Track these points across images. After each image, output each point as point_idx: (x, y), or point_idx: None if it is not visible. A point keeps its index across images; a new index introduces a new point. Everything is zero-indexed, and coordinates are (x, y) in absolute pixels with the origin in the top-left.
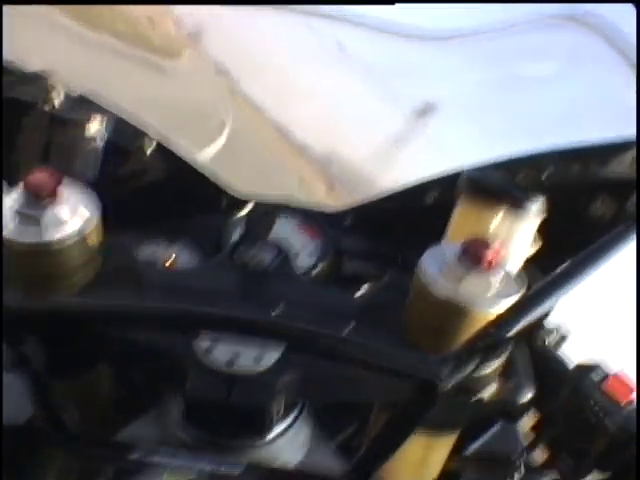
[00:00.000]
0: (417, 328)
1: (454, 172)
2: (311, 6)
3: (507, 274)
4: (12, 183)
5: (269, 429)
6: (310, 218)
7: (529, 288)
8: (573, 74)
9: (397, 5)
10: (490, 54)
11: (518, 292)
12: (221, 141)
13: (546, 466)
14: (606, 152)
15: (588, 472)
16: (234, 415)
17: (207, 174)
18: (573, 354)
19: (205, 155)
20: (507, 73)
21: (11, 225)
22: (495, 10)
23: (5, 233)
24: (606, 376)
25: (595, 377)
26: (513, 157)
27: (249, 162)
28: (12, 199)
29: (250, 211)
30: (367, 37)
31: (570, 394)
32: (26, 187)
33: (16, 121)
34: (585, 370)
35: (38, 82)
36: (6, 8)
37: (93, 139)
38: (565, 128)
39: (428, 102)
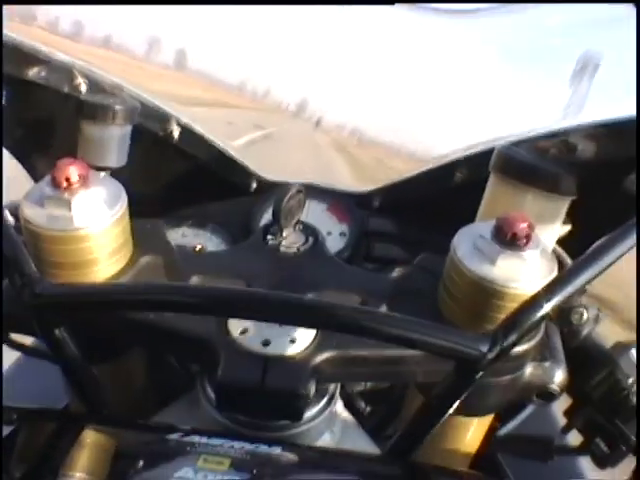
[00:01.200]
0: (452, 308)
1: (483, 150)
2: None
3: (541, 252)
4: (39, 172)
5: (304, 411)
6: (339, 200)
7: (561, 268)
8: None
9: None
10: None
11: (553, 271)
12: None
13: (580, 450)
14: (636, 127)
15: (623, 456)
16: (269, 398)
17: (236, 158)
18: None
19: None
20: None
21: (41, 213)
22: None
23: (35, 222)
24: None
25: (633, 356)
26: (544, 133)
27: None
28: (40, 188)
29: (279, 194)
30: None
31: (608, 374)
32: (55, 175)
33: (43, 108)
34: (623, 349)
35: (63, 69)
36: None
37: (121, 125)
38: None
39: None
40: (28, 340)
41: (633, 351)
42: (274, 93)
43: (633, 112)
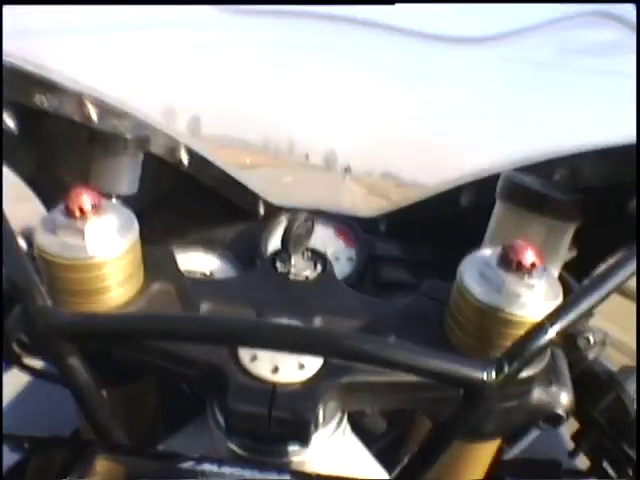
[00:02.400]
0: (458, 335)
1: (489, 175)
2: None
3: (547, 279)
4: (51, 200)
5: (311, 437)
6: (346, 225)
7: (566, 294)
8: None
9: (418, 9)
10: (517, 54)
11: (558, 297)
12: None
13: (588, 473)
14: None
15: (632, 479)
16: (277, 424)
17: (244, 184)
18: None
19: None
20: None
21: (54, 242)
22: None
23: (49, 250)
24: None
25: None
26: (548, 158)
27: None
28: (53, 216)
29: (288, 219)
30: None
31: (615, 398)
32: (67, 204)
33: (54, 136)
34: (628, 373)
35: (73, 98)
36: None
37: (132, 153)
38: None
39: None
40: (40, 363)
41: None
42: (298, 147)
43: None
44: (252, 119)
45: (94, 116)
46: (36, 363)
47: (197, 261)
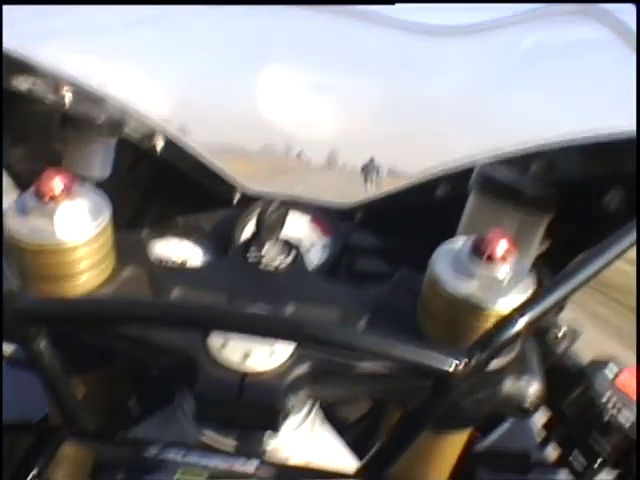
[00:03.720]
0: (430, 325)
1: (465, 167)
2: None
3: (519, 270)
4: (23, 182)
5: (281, 424)
6: (321, 214)
7: (539, 286)
8: (585, 66)
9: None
10: (498, 49)
11: (530, 289)
12: None
13: (558, 464)
14: (617, 145)
15: (600, 470)
16: (246, 411)
17: (219, 171)
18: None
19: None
20: (516, 67)
21: (24, 225)
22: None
23: (18, 234)
24: (620, 372)
25: (609, 373)
26: (524, 151)
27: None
28: (24, 199)
29: (262, 207)
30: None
31: (583, 391)
32: (38, 187)
33: (28, 118)
34: (598, 366)
35: (49, 80)
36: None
37: (106, 137)
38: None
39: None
40: (9, 349)
41: (608, 369)
42: (295, 149)
43: (613, 130)
44: (242, 122)
45: (68, 99)
46: (5, 348)
47: (171, 247)
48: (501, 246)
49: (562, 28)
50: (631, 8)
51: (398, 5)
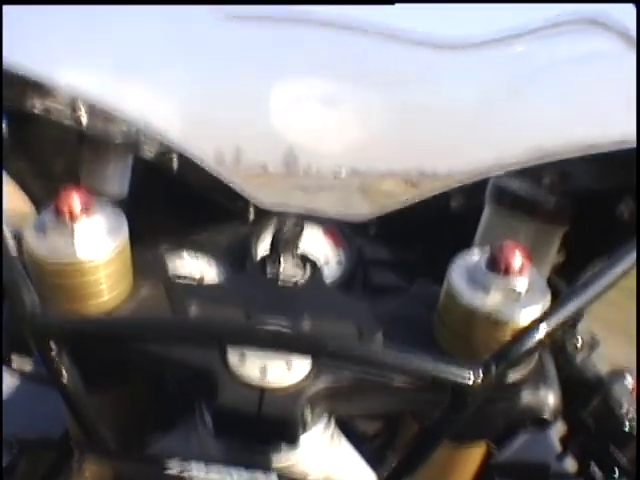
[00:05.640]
0: (447, 337)
1: (479, 179)
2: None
3: (535, 282)
4: (41, 202)
5: (299, 438)
6: (336, 228)
7: (553, 298)
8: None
9: (406, 11)
10: (509, 61)
11: (546, 300)
12: None
13: (577, 475)
14: (628, 154)
15: None
16: (265, 426)
17: (234, 187)
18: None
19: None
20: (527, 79)
21: (43, 244)
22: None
23: (38, 253)
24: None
25: (627, 382)
26: (537, 162)
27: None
28: (43, 218)
29: (278, 223)
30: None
31: (602, 401)
32: (57, 205)
33: (45, 138)
34: (616, 376)
35: (65, 100)
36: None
37: (122, 155)
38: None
39: None
40: (29, 366)
41: (627, 378)
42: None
43: (626, 139)
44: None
45: (84, 119)
46: (26, 365)
47: (187, 265)
48: (518, 257)
49: (572, 39)
50: (631, 8)
51: (398, 5)
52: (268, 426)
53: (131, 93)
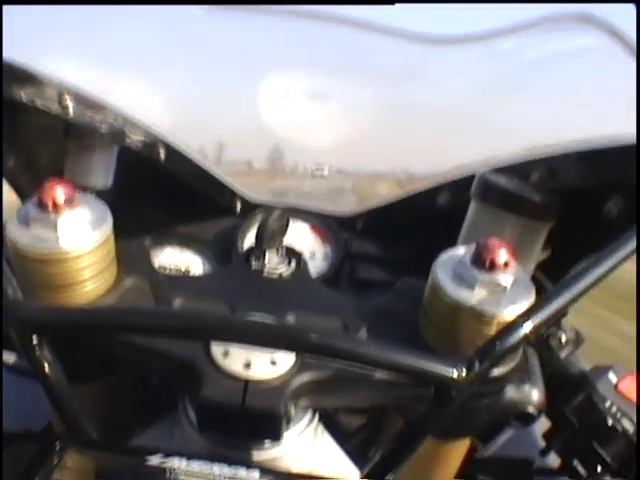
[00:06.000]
0: (432, 333)
1: (466, 175)
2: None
3: (520, 278)
4: (25, 191)
5: (283, 433)
6: (322, 222)
7: (538, 294)
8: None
9: (403, 10)
10: (500, 57)
11: (531, 296)
12: None
13: (560, 471)
14: (617, 151)
15: (603, 477)
16: (249, 419)
17: (220, 179)
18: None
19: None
20: (518, 75)
21: (27, 234)
22: (501, 15)
23: (20, 242)
24: (622, 377)
25: (611, 378)
26: (525, 158)
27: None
28: (26, 209)
29: (263, 216)
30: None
31: (586, 397)
32: (40, 198)
33: (30, 128)
34: (601, 372)
35: (52, 90)
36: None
37: (108, 146)
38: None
39: None
40: (11, 358)
41: (610, 374)
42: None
43: (614, 136)
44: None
45: (71, 108)
46: (7, 357)
47: (173, 257)
48: (502, 253)
49: (563, 36)
50: (631, 8)
51: (398, 5)
52: (251, 419)
53: (119, 86)
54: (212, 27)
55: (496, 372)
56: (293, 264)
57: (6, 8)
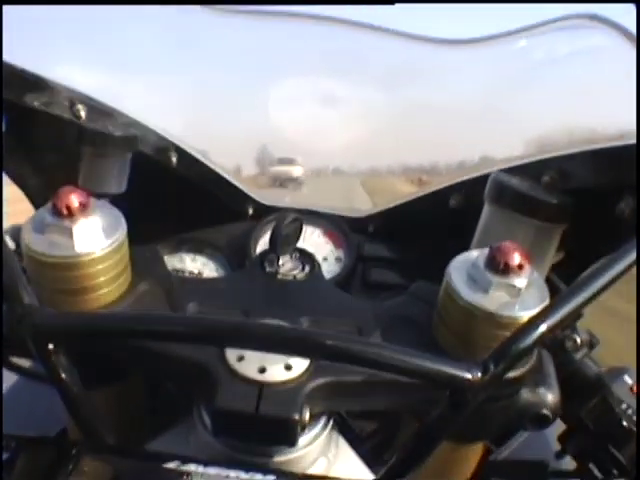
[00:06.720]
0: (446, 336)
1: (478, 177)
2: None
3: (534, 280)
4: (39, 198)
5: (298, 437)
6: (335, 225)
7: (553, 296)
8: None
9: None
10: (508, 58)
11: (545, 299)
12: None
13: (576, 474)
14: (628, 151)
15: (619, 479)
16: (264, 424)
17: (233, 183)
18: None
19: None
20: (526, 75)
21: (42, 240)
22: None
23: (36, 248)
24: (638, 379)
25: (627, 380)
26: (537, 160)
27: None
28: (41, 216)
29: (277, 220)
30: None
31: (601, 399)
32: (56, 202)
33: (44, 135)
34: (616, 374)
35: (64, 96)
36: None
37: (121, 152)
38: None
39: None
40: (27, 363)
41: (626, 376)
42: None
43: (625, 135)
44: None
45: (83, 115)
46: (23, 362)
47: (186, 261)
48: (516, 256)
49: (571, 36)
50: (631, 8)
51: (398, 5)
52: (266, 423)
53: (127, 90)
54: (222, 31)
55: (511, 375)
56: (307, 267)
57: (6, 8)
